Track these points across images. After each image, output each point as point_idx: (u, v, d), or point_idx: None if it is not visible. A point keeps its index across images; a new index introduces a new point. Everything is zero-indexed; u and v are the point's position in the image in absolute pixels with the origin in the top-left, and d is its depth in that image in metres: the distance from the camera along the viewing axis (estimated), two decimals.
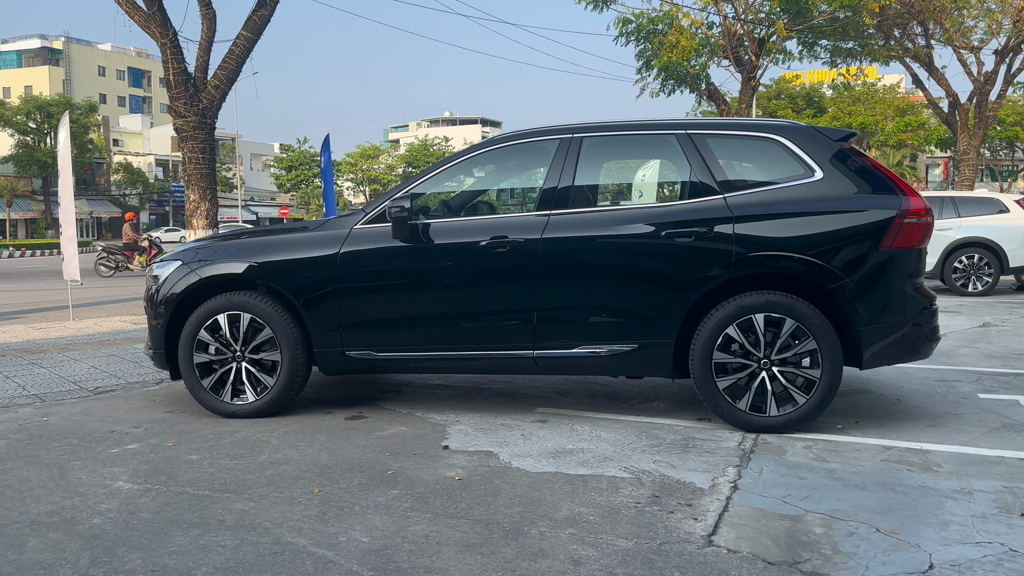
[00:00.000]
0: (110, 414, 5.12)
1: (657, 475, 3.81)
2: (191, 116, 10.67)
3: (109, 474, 3.89)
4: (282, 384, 4.90)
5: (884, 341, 4.47)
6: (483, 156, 5.06)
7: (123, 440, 4.50)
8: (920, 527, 3.17)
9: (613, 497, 3.52)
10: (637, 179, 5.21)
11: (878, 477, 3.76)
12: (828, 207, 4.47)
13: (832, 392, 4.42)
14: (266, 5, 10.92)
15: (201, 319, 4.94)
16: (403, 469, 3.92)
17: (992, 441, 4.34)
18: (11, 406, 5.39)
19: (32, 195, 57.72)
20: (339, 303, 4.82)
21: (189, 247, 5.24)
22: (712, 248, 4.48)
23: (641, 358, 4.62)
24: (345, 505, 3.44)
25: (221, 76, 10.90)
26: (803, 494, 3.55)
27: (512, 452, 4.18)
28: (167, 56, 10.50)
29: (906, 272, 4.48)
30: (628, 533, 3.12)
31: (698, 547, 2.99)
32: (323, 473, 3.87)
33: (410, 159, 73.85)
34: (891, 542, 3.03)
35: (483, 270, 4.71)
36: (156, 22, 10.35)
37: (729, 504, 3.44)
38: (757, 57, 18.49)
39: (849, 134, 4.71)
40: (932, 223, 4.56)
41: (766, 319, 4.44)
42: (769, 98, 53.03)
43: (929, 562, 2.85)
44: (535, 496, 3.53)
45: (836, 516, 3.29)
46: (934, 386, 5.72)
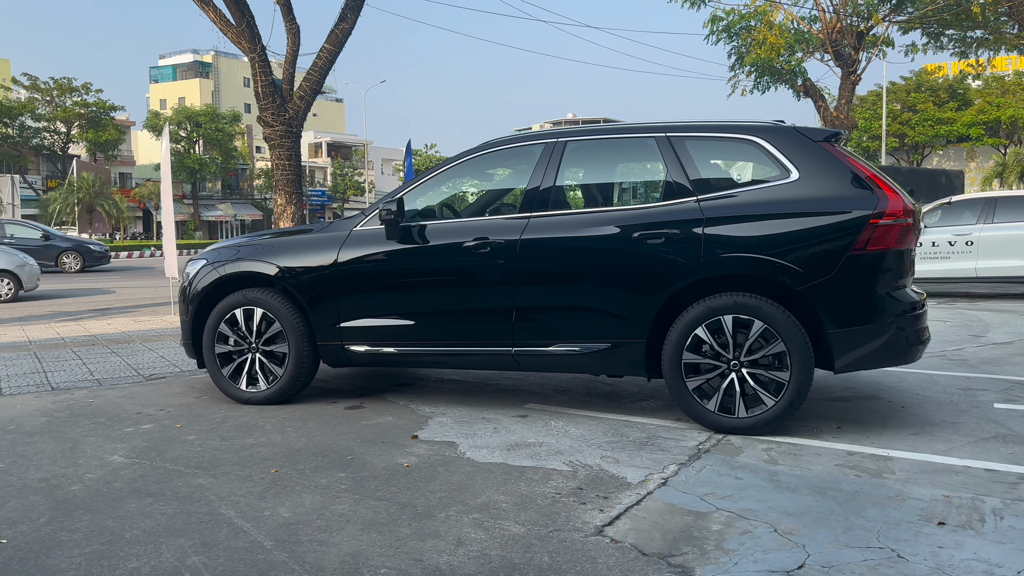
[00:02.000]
0: (147, 398, 5.67)
1: (596, 469, 3.93)
2: (278, 126, 11.40)
3: (110, 449, 4.37)
4: (289, 374, 5.29)
5: (859, 344, 4.39)
6: (477, 160, 5.27)
7: (142, 421, 5.00)
8: (820, 530, 3.16)
9: (538, 487, 3.67)
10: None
11: (817, 481, 3.73)
12: (799, 208, 4.43)
13: (801, 395, 4.37)
14: (347, 19, 11.53)
15: (221, 313, 5.41)
16: (363, 455, 4.20)
17: (971, 451, 4.18)
18: (71, 388, 6.04)
19: (182, 199, 62.06)
20: (338, 300, 5.16)
21: (215, 248, 5.73)
22: (681, 250, 4.53)
23: (614, 357, 4.71)
24: (289, 484, 3.76)
25: (306, 87, 11.60)
26: (727, 493, 3.59)
27: (473, 443, 4.39)
28: (256, 69, 11.27)
29: (882, 275, 4.37)
30: (527, 520, 3.27)
31: (584, 535, 3.12)
32: (291, 455, 4.21)
33: None
34: (779, 542, 3.05)
35: (467, 270, 4.93)
36: (246, 37, 11.12)
37: (645, 499, 3.52)
38: (856, 51, 17.73)
39: (833, 134, 4.63)
40: (912, 224, 4.42)
41: (735, 320, 4.44)
42: (908, 91, 50.35)
43: (802, 562, 2.87)
44: (465, 484, 3.73)
45: (743, 515, 3.32)
46: (953, 394, 5.49)
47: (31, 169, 59.16)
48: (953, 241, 11.96)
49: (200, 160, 60.07)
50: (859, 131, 46.62)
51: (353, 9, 11.49)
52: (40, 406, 5.42)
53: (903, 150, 50.22)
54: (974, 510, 3.35)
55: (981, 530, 3.14)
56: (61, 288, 17.53)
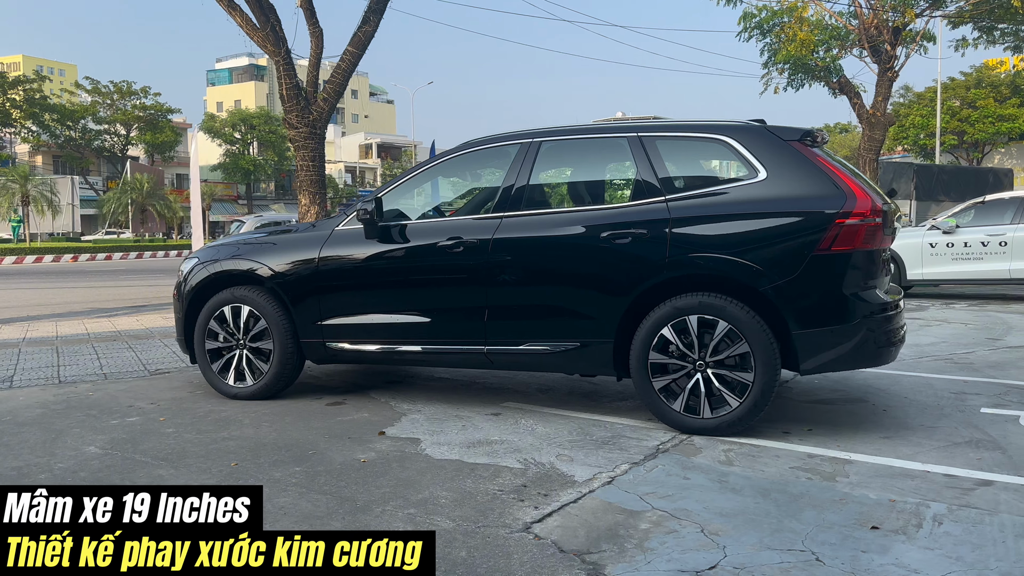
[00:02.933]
0: (144, 392, 5.86)
1: (547, 467, 3.95)
2: (302, 127, 11.61)
3: (90, 440, 4.54)
4: (274, 371, 5.42)
5: (825, 346, 4.33)
6: (457, 160, 5.33)
7: (130, 414, 5.17)
8: (748, 531, 3.14)
9: (483, 484, 3.71)
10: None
11: (766, 483, 3.70)
12: (765, 208, 4.39)
13: (766, 396, 4.33)
14: (370, 22, 11.68)
15: (210, 310, 5.56)
16: (326, 450, 4.29)
17: (937, 456, 4.10)
18: (77, 382, 6.27)
19: (236, 200, 63.48)
20: (319, 298, 5.27)
21: (208, 246, 5.90)
22: (647, 250, 4.52)
23: (584, 356, 4.72)
24: (243, 477, 3.86)
25: (329, 90, 11.79)
26: (668, 493, 3.58)
27: (436, 440, 4.45)
28: (280, 72, 11.49)
29: (849, 275, 4.31)
30: (460, 516, 3.32)
31: (509, 532, 3.15)
32: (256, 449, 4.32)
33: None
34: (702, 542, 3.04)
35: (441, 269, 5.00)
36: (271, 41, 11.35)
37: (584, 497, 3.53)
38: (893, 47, 17.29)
39: (805, 133, 4.57)
40: (881, 225, 4.34)
41: (699, 321, 4.42)
42: (967, 87, 48.85)
43: (716, 563, 2.86)
44: (414, 480, 3.79)
45: (676, 515, 3.31)
46: (943, 398, 5.37)
47: (93, 170, 61.19)
48: (986, 242, 11.62)
49: (254, 161, 61.42)
50: (916, 128, 45.43)
51: (375, 12, 11.64)
52: (41, 398, 5.64)
53: (962, 147, 48.76)
54: (915, 515, 3.29)
55: (914, 535, 3.09)
56: (115, 285, 18.10)
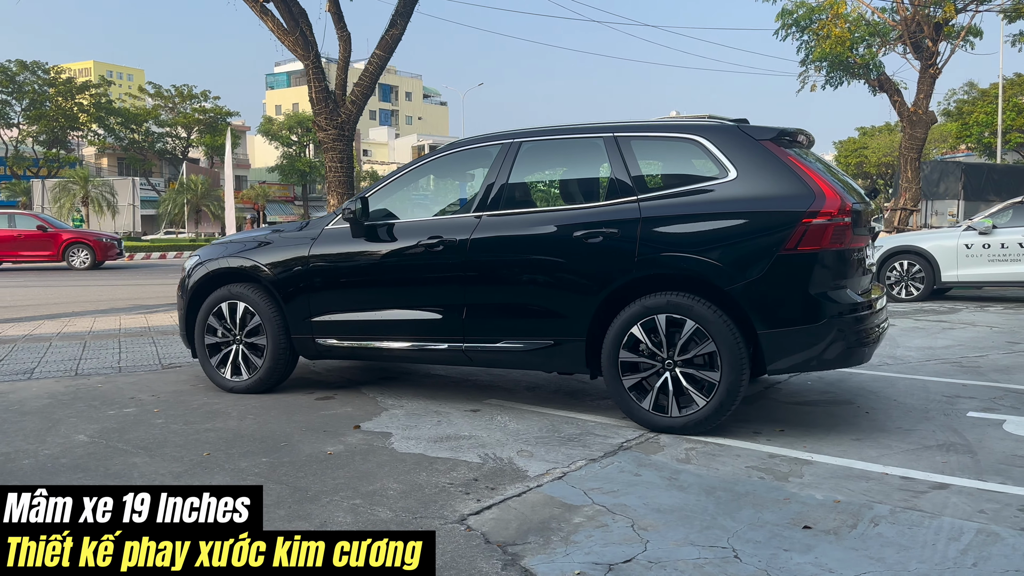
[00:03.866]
0: (150, 385, 6.09)
1: (505, 462, 4.02)
2: (331, 129, 11.87)
3: (82, 429, 4.75)
4: (267, 366, 5.59)
5: (792, 346, 4.31)
6: (443, 160, 5.44)
7: (128, 405, 5.39)
8: (678, 527, 3.17)
9: (436, 478, 3.79)
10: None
11: (716, 481, 3.71)
12: (733, 208, 4.39)
13: (731, 395, 4.32)
14: (397, 25, 11.89)
15: (209, 307, 5.76)
16: (297, 443, 4.42)
17: (902, 459, 4.05)
18: (92, 375, 6.54)
19: (292, 201, 64.73)
20: (309, 295, 5.42)
21: (211, 245, 6.10)
22: (618, 249, 4.55)
23: (557, 354, 4.78)
24: (210, 466, 4.01)
25: (357, 92, 12.03)
26: (614, 489, 3.62)
27: (407, 435, 4.54)
28: (310, 75, 11.78)
29: (816, 275, 4.28)
30: (402, 507, 3.41)
31: (443, 523, 3.23)
32: (233, 440, 4.47)
33: None
34: (628, 537, 3.08)
35: (422, 267, 5.10)
36: (300, 45, 11.65)
37: (530, 491, 3.59)
38: (935, 43, 16.82)
39: (780, 132, 4.55)
40: (850, 225, 4.29)
41: (668, 320, 4.44)
42: None
43: (632, 557, 2.90)
44: (370, 472, 3.89)
45: (613, 510, 3.35)
46: (933, 401, 5.27)
47: (155, 172, 63.06)
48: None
49: (310, 163, 62.49)
50: (980, 126, 44.03)
51: (403, 15, 11.85)
52: (52, 389, 5.91)
53: None
54: (854, 516, 3.28)
55: (844, 536, 3.08)
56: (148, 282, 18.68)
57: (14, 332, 9.21)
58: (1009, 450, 4.18)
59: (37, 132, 56.19)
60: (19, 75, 54.95)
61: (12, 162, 55.53)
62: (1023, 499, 3.46)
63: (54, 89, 55.20)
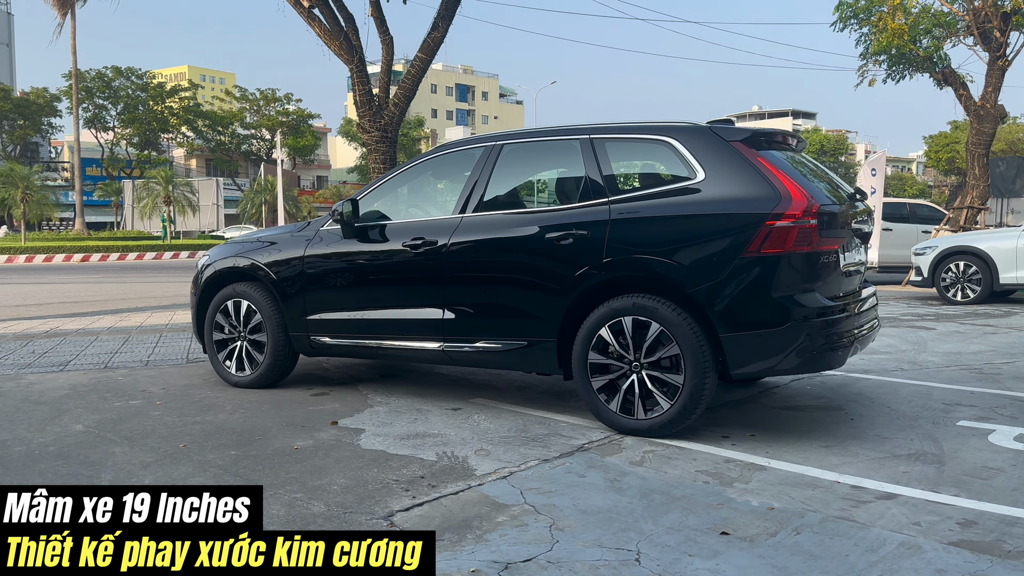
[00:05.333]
0: (165, 379, 6.38)
1: (458, 461, 4.09)
2: (374, 131, 12.13)
3: (83, 419, 5.03)
4: (268, 362, 5.80)
5: (755, 350, 4.24)
6: (433, 162, 5.54)
7: (136, 397, 5.67)
8: (595, 529, 3.19)
9: (385, 474, 3.89)
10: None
11: (658, 485, 3.70)
12: (698, 210, 4.35)
13: (695, 399, 4.28)
14: (439, 28, 12.06)
15: (216, 304, 6.01)
16: (272, 437, 4.58)
17: (862, 468, 3.96)
18: (119, 368, 6.89)
19: None
20: (304, 294, 5.60)
21: (222, 245, 6.36)
22: (587, 251, 4.56)
23: (530, 355, 4.82)
24: (180, 457, 4.21)
25: (400, 95, 12.25)
26: (551, 489, 3.65)
27: (378, 432, 4.66)
28: (354, 79, 12.05)
29: (781, 278, 4.19)
30: (337, 502, 3.51)
31: (368, 518, 3.32)
32: (213, 433, 4.67)
33: None
34: (540, 537, 3.11)
35: (406, 267, 5.21)
36: (344, 49, 11.93)
37: (469, 490, 3.65)
38: (1003, 33, 16.00)
39: (753, 133, 4.49)
40: (816, 227, 4.19)
41: (634, 322, 4.43)
42: None
43: (534, 556, 2.93)
44: (325, 467, 4.01)
45: (540, 511, 3.39)
46: (927, 408, 5.11)
47: (241, 172, 65.30)
48: None
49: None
50: None
51: (444, 18, 12.00)
52: (76, 381, 6.25)
53: None
54: (780, 524, 3.23)
55: (759, 543, 3.05)
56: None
57: (70, 326, 9.74)
58: (981, 461, 4.03)
59: (130, 135, 58.94)
60: (114, 81, 57.75)
61: (107, 164, 58.42)
62: (967, 512, 3.35)
63: (146, 94, 57.79)
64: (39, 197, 36.49)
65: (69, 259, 29.70)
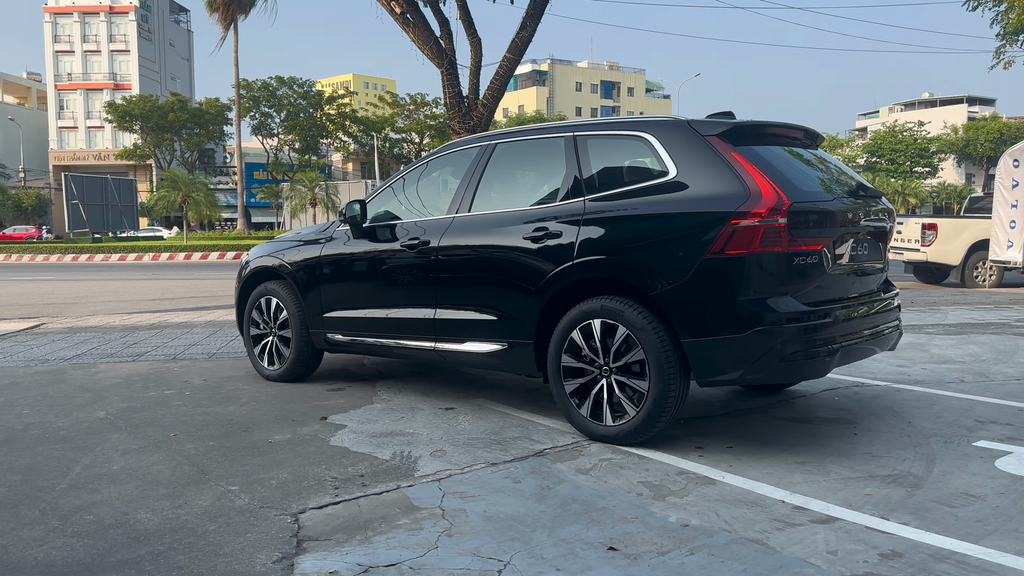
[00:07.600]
0: (213, 371, 6.73)
1: (409, 461, 4.10)
2: (463, 132, 12.31)
3: (111, 406, 5.41)
4: (293, 356, 6.03)
5: (719, 357, 3.99)
6: (436, 162, 5.58)
7: (173, 387, 6.04)
8: (485, 536, 3.12)
9: (331, 471, 3.95)
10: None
11: (586, 495, 3.57)
12: (664, 209, 4.15)
13: (659, 407, 4.08)
14: (527, 27, 12.07)
15: (252, 301, 6.32)
16: (257, 430, 4.75)
17: (823, 489, 3.65)
18: (183, 359, 7.35)
19: None
20: (321, 293, 5.79)
21: (262, 244, 6.66)
22: (561, 251, 4.46)
23: (510, 357, 4.75)
24: (163, 445, 4.45)
25: (488, 96, 12.36)
26: (475, 494, 3.60)
27: (357, 428, 4.74)
28: (444, 80, 12.28)
29: (747, 281, 3.92)
30: (265, 496, 3.61)
31: (278, 513, 3.39)
32: (209, 424, 4.90)
33: (873, 148, 68.60)
34: (426, 541, 3.08)
35: (404, 267, 5.27)
36: (435, 53, 12.17)
37: (393, 491, 3.66)
38: None
39: (733, 127, 4.23)
40: (786, 227, 3.88)
41: (603, 325, 4.29)
42: None
43: (399, 562, 2.91)
44: (283, 460, 4.13)
45: (446, 515, 3.35)
46: (951, 426, 4.63)
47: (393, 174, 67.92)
48: None
49: None
50: None
51: (532, 18, 12.01)
52: (137, 371, 6.72)
53: None
54: (680, 542, 3.05)
55: (641, 561, 2.89)
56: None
57: (177, 319, 10.48)
58: (965, 487, 3.62)
59: (292, 140, 62.60)
60: (279, 90, 61.50)
61: (272, 168, 62.33)
62: (902, 543, 3.02)
63: (307, 101, 61.23)
64: (205, 200, 39.47)
65: (223, 257, 31.98)
